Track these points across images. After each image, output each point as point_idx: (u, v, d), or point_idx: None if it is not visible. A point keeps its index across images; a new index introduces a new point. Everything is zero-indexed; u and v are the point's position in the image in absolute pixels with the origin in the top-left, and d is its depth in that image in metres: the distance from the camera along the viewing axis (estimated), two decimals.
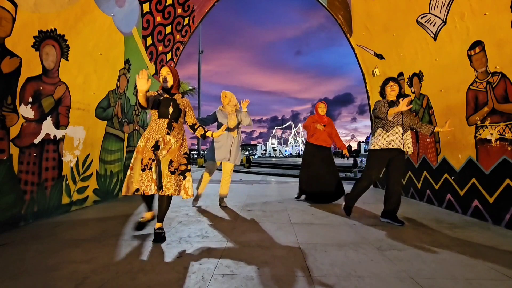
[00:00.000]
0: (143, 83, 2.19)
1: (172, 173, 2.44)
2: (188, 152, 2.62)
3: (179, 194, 2.48)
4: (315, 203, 4.27)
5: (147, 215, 2.79)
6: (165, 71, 2.58)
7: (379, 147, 3.08)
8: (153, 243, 2.37)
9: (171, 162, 2.46)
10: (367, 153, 3.28)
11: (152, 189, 2.41)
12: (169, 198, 2.51)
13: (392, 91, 3.14)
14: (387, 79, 3.25)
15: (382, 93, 3.31)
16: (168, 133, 2.49)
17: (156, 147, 2.46)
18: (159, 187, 2.43)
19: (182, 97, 2.69)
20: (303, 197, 4.65)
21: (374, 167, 3.18)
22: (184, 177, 2.54)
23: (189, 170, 2.59)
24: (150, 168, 2.43)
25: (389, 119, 3.06)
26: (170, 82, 2.56)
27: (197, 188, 3.92)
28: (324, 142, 4.27)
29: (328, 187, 4.19)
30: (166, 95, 2.59)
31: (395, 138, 3.01)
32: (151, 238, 2.46)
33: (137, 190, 2.41)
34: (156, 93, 2.60)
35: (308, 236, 2.60)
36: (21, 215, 2.86)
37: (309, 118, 4.53)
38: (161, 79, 2.59)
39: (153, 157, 2.45)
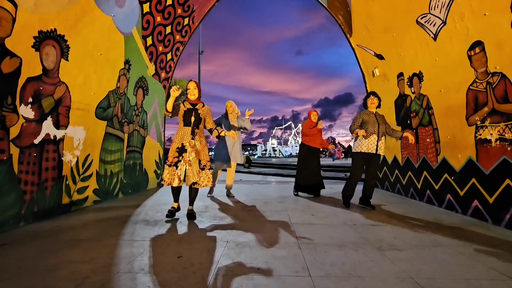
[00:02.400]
0: (174, 91, 2.83)
1: (202, 169, 3.10)
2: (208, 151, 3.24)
3: (210, 185, 3.15)
4: (311, 194, 4.91)
5: (175, 205, 3.26)
6: (192, 86, 3.16)
7: (359, 151, 3.77)
8: (188, 219, 3.10)
9: (200, 161, 3.09)
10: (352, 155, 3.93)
11: (175, 182, 3.01)
12: (196, 189, 3.19)
13: (372, 104, 3.85)
14: (369, 94, 3.96)
15: (365, 105, 3.97)
16: (192, 138, 3.08)
17: (182, 149, 3.04)
18: (185, 180, 3.07)
19: (203, 106, 3.22)
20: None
21: (357, 166, 3.85)
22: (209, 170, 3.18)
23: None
24: (175, 165, 3.03)
25: (353, 136, 3.89)
26: (196, 96, 3.16)
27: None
28: (319, 145, 4.92)
29: (319, 181, 4.88)
30: (189, 106, 3.15)
31: (370, 145, 3.72)
32: (150, 238, 2.48)
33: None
34: (182, 104, 3.15)
35: (308, 236, 2.60)
36: (21, 215, 2.86)
37: (307, 123, 4.99)
38: (189, 92, 3.17)
39: (178, 157, 3.04)
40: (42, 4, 2.90)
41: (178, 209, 3.28)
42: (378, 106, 3.90)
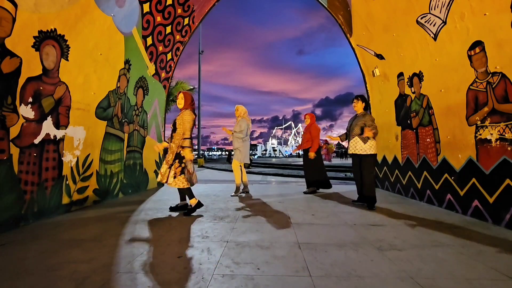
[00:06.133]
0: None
1: (169, 167, 3.38)
2: (178, 152, 3.37)
3: (175, 185, 3.38)
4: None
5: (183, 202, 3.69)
6: (180, 97, 3.49)
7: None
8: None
9: (172, 163, 3.37)
10: (370, 156, 3.86)
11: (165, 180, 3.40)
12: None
13: (354, 106, 4.09)
14: (354, 97, 4.17)
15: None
16: (169, 142, 3.46)
17: (166, 152, 3.47)
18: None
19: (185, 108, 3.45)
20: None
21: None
22: (182, 172, 3.39)
23: (183, 167, 3.41)
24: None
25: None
26: (181, 105, 3.48)
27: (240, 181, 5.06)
28: (300, 148, 5.45)
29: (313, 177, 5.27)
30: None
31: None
32: (150, 238, 2.48)
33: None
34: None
35: (308, 236, 2.60)
36: (21, 215, 2.86)
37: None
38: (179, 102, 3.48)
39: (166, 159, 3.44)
40: (42, 4, 2.90)
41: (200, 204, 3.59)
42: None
